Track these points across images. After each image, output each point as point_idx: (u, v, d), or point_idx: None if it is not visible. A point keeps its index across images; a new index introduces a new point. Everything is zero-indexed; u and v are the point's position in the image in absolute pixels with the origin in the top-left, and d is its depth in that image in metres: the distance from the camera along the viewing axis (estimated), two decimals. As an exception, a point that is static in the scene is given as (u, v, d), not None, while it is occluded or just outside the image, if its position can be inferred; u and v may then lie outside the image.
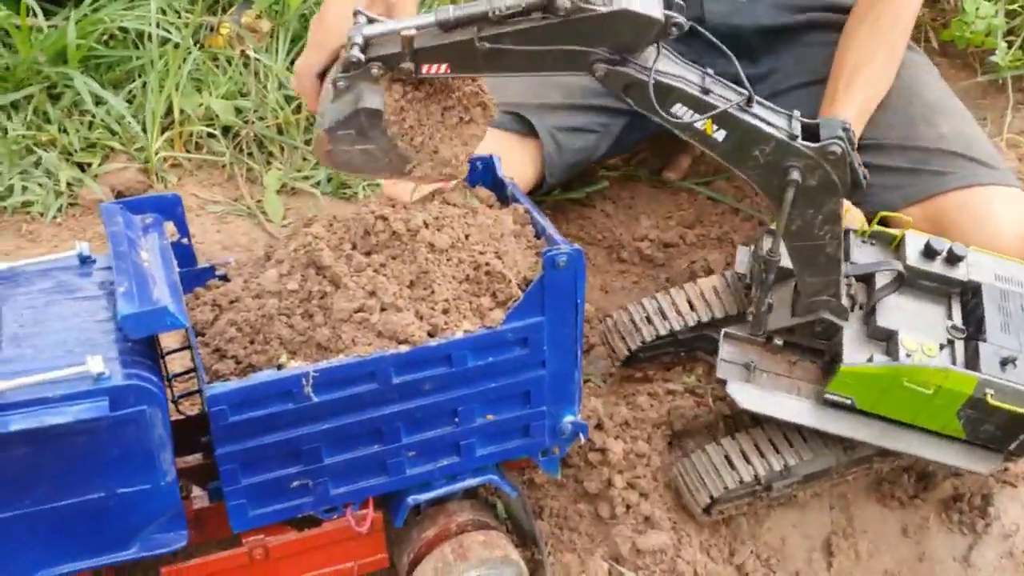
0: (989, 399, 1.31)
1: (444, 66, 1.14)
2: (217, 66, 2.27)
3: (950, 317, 1.42)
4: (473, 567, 1.30)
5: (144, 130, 2.11)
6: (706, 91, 1.19)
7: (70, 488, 1.07)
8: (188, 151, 2.16)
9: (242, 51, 2.27)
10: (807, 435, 1.44)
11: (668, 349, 1.64)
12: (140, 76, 2.20)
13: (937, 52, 2.60)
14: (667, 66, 1.18)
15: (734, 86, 1.22)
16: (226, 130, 2.19)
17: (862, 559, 1.47)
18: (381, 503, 1.30)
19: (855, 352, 1.38)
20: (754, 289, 1.45)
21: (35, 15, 2.18)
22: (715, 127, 1.21)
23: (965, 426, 1.36)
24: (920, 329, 1.39)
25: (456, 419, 1.23)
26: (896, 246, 1.47)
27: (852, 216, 1.55)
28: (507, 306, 1.21)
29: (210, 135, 2.17)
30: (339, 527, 1.27)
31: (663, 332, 1.56)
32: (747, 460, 1.42)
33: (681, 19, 1.13)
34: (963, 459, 1.40)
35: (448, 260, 1.21)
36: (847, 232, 1.48)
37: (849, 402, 1.37)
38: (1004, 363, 1.33)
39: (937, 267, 1.44)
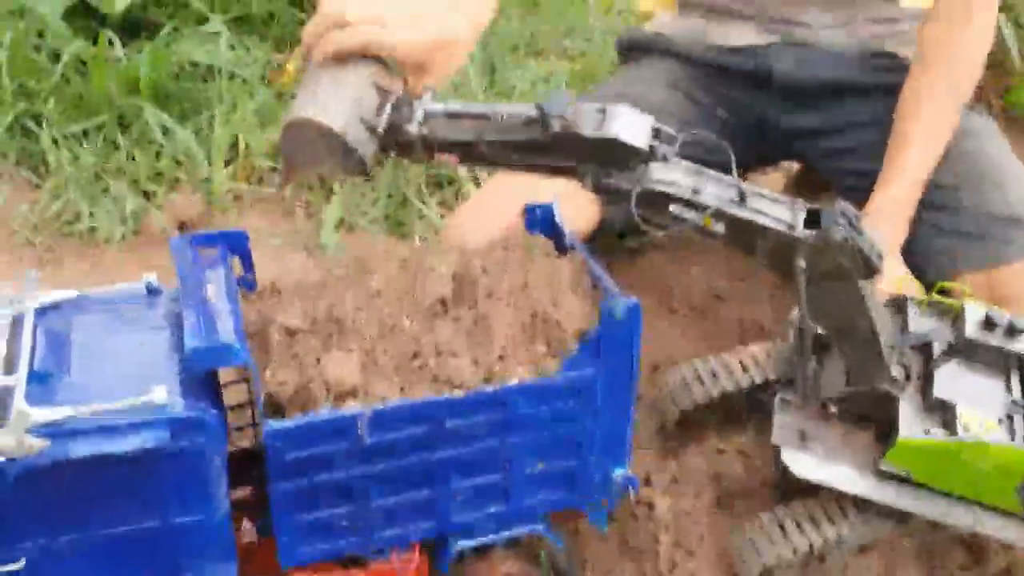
0: None
1: (454, 158, 1.25)
2: (283, 102, 2.32)
3: (1009, 391, 1.39)
4: (514, 617, 1.30)
5: (208, 162, 2.15)
6: (696, 191, 1.22)
7: (126, 516, 1.09)
8: (250, 183, 2.20)
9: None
10: (861, 505, 1.41)
11: (717, 411, 1.63)
12: (207, 109, 2.25)
13: (999, 117, 2.58)
14: (659, 172, 1.21)
15: (732, 180, 1.23)
16: (288, 165, 2.23)
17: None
18: (425, 548, 1.31)
19: (912, 424, 1.36)
20: (796, 359, 1.45)
21: (112, 45, 2.25)
22: (714, 221, 1.23)
23: (1022, 503, 1.33)
24: (978, 402, 1.37)
25: (506, 466, 1.24)
26: (955, 317, 1.46)
27: (910, 286, 1.55)
28: (562, 355, 1.21)
29: (272, 168, 2.21)
30: (383, 569, 1.27)
31: (715, 394, 1.55)
32: (801, 530, 1.39)
33: (668, 149, 1.20)
34: (1022, 536, 1.37)
35: (506, 306, 1.22)
36: (905, 300, 1.48)
37: (904, 474, 1.36)
38: None
39: (996, 339, 1.41)
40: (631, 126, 1.18)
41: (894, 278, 1.58)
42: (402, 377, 1.18)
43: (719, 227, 1.23)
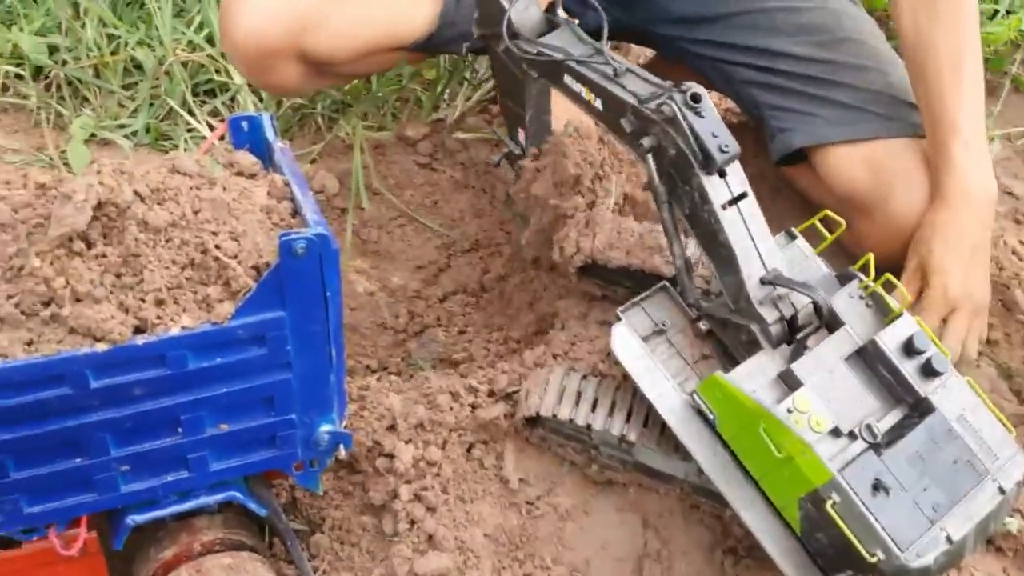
0: (829, 504, 1.08)
1: None
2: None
3: (879, 419, 1.16)
4: (211, 595, 1.12)
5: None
6: (581, 63, 1.26)
7: None
8: (-9, 92, 1.93)
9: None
10: (670, 429, 1.24)
11: (628, 284, 1.46)
12: (-59, 5, 1.96)
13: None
14: (557, 40, 1.32)
15: (611, 56, 1.25)
16: (38, 71, 1.96)
17: (675, 586, 1.31)
18: (103, 520, 1.13)
19: (748, 375, 1.17)
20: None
21: None
22: (593, 96, 1.26)
23: (802, 521, 1.13)
24: (833, 403, 1.14)
25: (180, 429, 1.05)
26: (888, 322, 1.22)
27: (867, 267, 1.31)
28: (241, 297, 1.02)
29: (18, 76, 1.94)
30: (45, 548, 1.08)
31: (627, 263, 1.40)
32: (593, 408, 1.28)
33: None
34: (782, 555, 1.17)
35: (167, 241, 1.02)
36: (852, 278, 1.26)
37: (711, 417, 1.19)
38: (877, 487, 1.10)
39: (907, 366, 1.18)
40: None
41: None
42: (31, 328, 0.97)
43: (598, 103, 1.25)
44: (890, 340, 1.19)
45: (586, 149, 1.42)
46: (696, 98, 1.14)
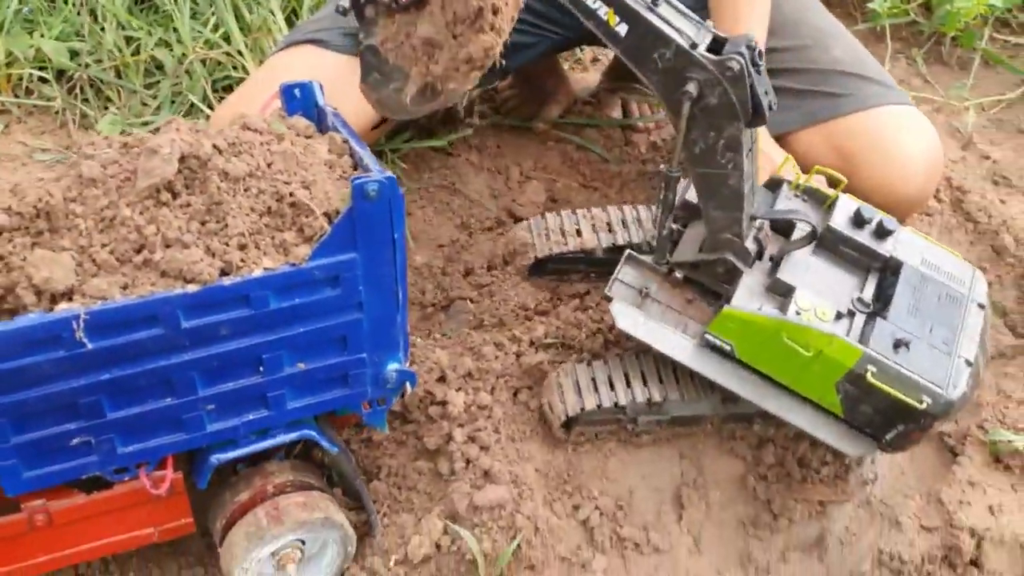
0: (869, 376, 1.21)
1: None
2: (53, 6, 2.10)
3: (861, 290, 1.31)
4: (289, 531, 1.19)
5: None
6: None
7: None
8: (18, 96, 1.99)
9: (79, -10, 2.11)
10: (685, 376, 1.37)
11: (580, 266, 1.63)
12: (-36, 15, 2.02)
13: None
14: None
15: None
16: (61, 74, 2.02)
17: (713, 511, 1.40)
18: (186, 462, 1.19)
19: (746, 299, 1.29)
20: (656, 210, 1.35)
21: None
22: (617, 19, 1.16)
23: (843, 402, 1.27)
24: (823, 293, 1.29)
25: (261, 368, 1.12)
26: (828, 207, 1.37)
27: (787, 168, 1.47)
28: (316, 242, 1.10)
29: (42, 79, 2.00)
30: (134, 489, 1.15)
31: (573, 248, 1.55)
32: (612, 387, 1.37)
33: None
34: (834, 437, 1.31)
35: (246, 190, 1.09)
36: (780, 183, 1.40)
37: (728, 348, 1.30)
38: (897, 345, 1.23)
39: (863, 237, 1.33)
40: None
41: (778, 161, 1.52)
42: (125, 273, 1.04)
43: (622, 28, 1.16)
44: (840, 220, 1.35)
45: None
46: (761, 55, 1.15)
